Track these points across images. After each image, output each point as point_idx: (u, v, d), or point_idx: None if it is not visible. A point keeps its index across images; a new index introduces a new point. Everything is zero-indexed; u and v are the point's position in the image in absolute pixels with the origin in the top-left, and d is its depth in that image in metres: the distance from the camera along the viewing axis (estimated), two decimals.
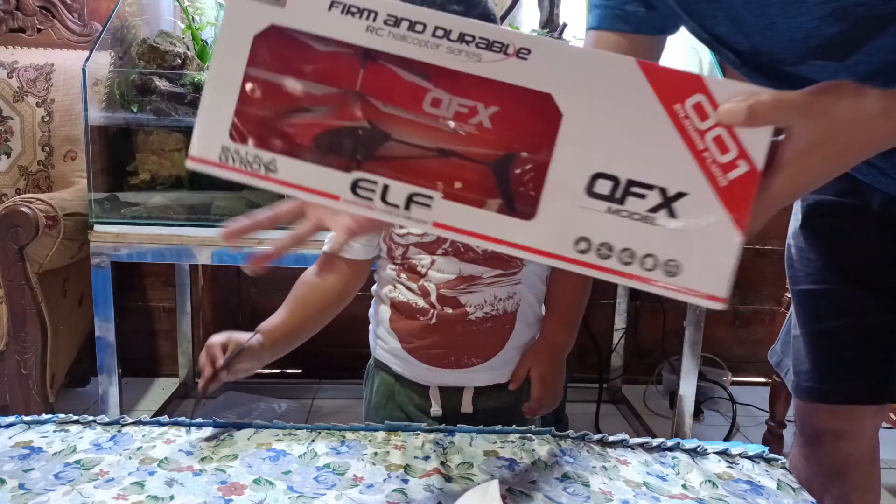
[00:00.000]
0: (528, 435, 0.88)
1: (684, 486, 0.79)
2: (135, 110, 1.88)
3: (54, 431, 0.84)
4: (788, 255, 1.11)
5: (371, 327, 1.08)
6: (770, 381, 2.12)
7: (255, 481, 0.74)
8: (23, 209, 1.69)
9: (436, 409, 1.02)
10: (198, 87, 1.83)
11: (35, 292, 1.76)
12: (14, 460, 0.77)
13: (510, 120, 0.49)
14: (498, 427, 0.88)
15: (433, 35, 0.48)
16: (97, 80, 1.86)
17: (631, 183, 0.49)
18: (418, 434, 0.87)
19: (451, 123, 0.49)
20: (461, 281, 0.97)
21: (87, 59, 1.78)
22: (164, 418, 0.88)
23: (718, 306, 0.49)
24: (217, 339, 0.89)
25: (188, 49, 1.97)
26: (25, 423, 0.86)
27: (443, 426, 0.88)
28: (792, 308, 1.11)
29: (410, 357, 1.01)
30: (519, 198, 0.49)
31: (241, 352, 0.88)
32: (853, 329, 1.02)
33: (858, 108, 0.54)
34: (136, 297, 2.47)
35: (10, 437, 0.83)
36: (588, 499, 0.74)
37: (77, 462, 0.77)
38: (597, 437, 0.88)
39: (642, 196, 0.49)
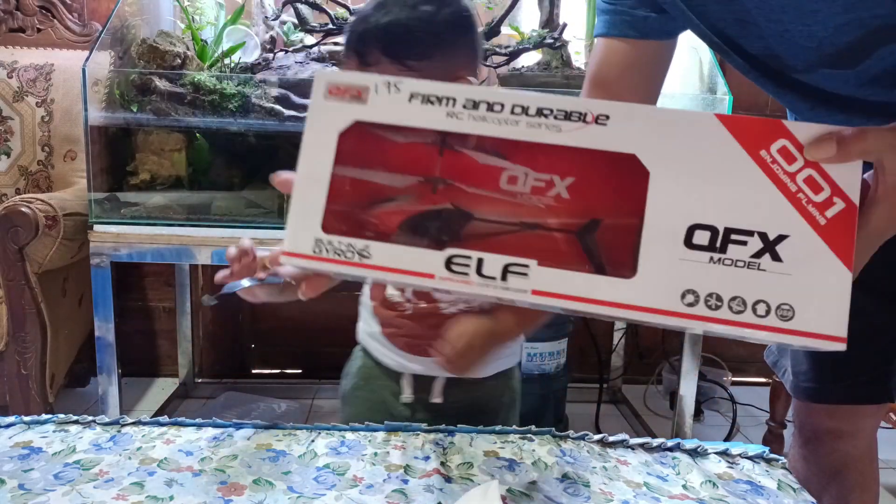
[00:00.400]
0: (529, 435, 0.88)
1: (685, 487, 0.78)
2: (135, 110, 1.88)
3: (54, 431, 0.84)
4: None
5: (360, 310, 1.10)
6: (770, 381, 2.12)
7: (255, 481, 0.74)
8: (22, 209, 1.69)
9: (407, 396, 1.04)
10: (197, 87, 1.83)
11: (35, 292, 1.76)
12: (14, 460, 0.77)
13: (588, 188, 0.50)
14: (498, 427, 0.88)
15: (511, 113, 0.50)
16: (97, 80, 1.86)
17: (729, 231, 0.48)
18: (418, 434, 0.87)
19: (530, 197, 0.50)
20: None
21: (87, 59, 1.78)
22: (164, 418, 0.88)
23: (838, 347, 0.47)
24: (251, 246, 0.84)
25: (188, 49, 1.97)
26: (25, 423, 0.86)
27: (443, 426, 0.88)
28: None
29: (389, 342, 1.03)
30: (609, 262, 0.49)
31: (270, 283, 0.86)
32: (852, 329, 1.01)
33: None
34: (136, 297, 2.47)
35: (9, 437, 0.83)
36: (588, 499, 0.74)
37: (77, 462, 0.77)
38: (597, 437, 0.88)
39: (743, 243, 0.48)
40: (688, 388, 1.93)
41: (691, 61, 2.00)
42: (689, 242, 0.48)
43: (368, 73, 0.54)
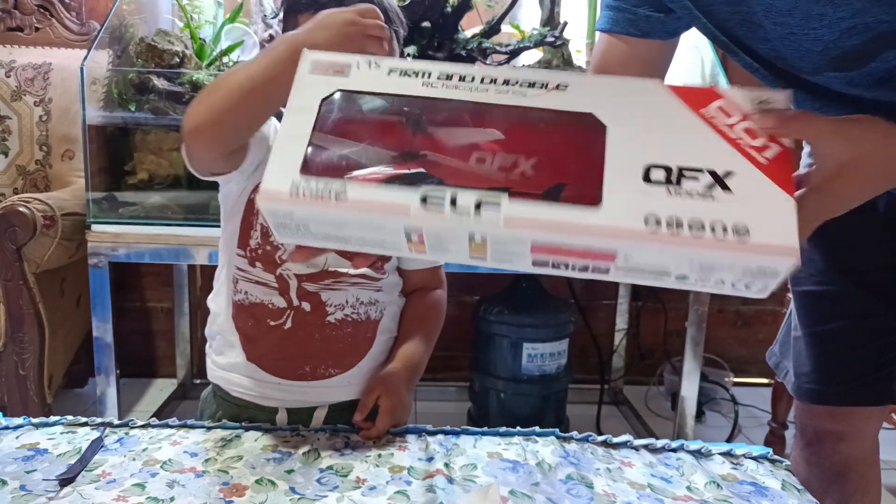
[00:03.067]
0: (533, 437, 0.87)
1: (688, 488, 0.78)
2: (133, 109, 1.87)
3: (62, 433, 0.84)
4: None
5: (207, 346, 0.98)
6: (772, 382, 2.12)
7: (257, 482, 0.74)
8: (20, 209, 1.68)
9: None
10: (196, 86, 1.82)
11: (33, 292, 1.75)
12: (17, 462, 0.77)
13: (551, 164, 0.54)
14: (503, 429, 0.88)
15: (481, 82, 0.57)
16: (95, 80, 1.85)
17: (682, 169, 0.53)
18: (422, 435, 0.86)
19: (498, 172, 0.54)
20: (326, 275, 0.90)
21: (85, 58, 1.77)
22: (174, 420, 0.88)
23: (792, 261, 0.50)
24: None
25: (186, 48, 1.96)
26: (33, 424, 0.86)
27: (448, 427, 0.88)
28: (792, 309, 1.10)
29: (258, 370, 0.91)
30: (575, 201, 0.52)
31: None
32: (855, 331, 1.01)
33: (888, 142, 0.58)
34: (134, 297, 2.46)
35: (16, 438, 0.82)
36: (591, 500, 0.74)
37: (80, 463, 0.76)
38: (601, 438, 0.88)
39: (696, 178, 0.53)
40: (689, 389, 1.92)
41: (693, 60, 2.00)
42: (647, 178, 0.53)
43: (351, 54, 0.59)
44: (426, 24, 1.93)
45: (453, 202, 0.51)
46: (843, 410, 1.04)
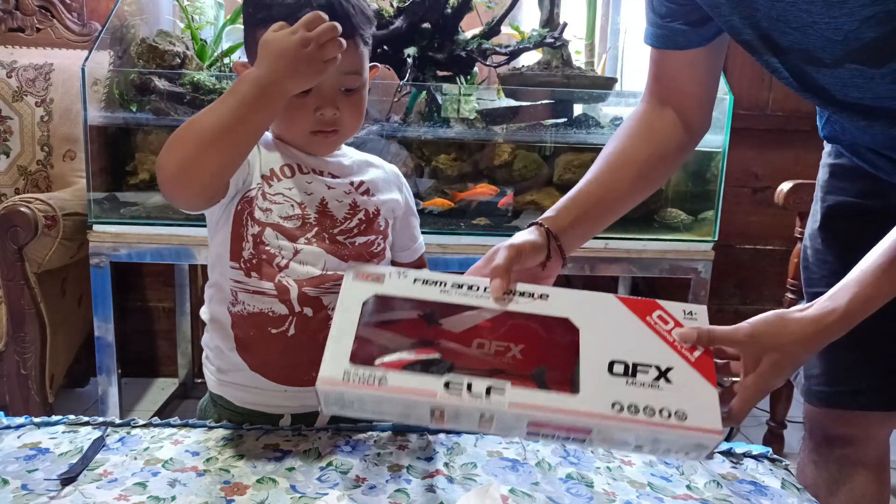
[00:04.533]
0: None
1: (688, 487, 0.78)
2: (134, 110, 1.87)
3: (63, 433, 0.84)
4: (804, 256, 1.10)
5: (204, 357, 0.96)
6: None
7: (259, 481, 0.74)
8: (22, 209, 1.68)
9: None
10: (197, 87, 1.83)
11: (34, 292, 1.75)
12: (19, 461, 0.77)
13: (534, 351, 0.72)
14: None
15: (484, 291, 0.74)
16: (96, 80, 1.86)
17: (636, 364, 0.70)
18: (424, 434, 0.86)
19: (494, 357, 0.71)
20: (325, 279, 0.88)
21: (87, 58, 1.78)
22: (175, 420, 0.88)
23: (718, 438, 0.67)
24: None
25: (187, 48, 1.97)
26: (35, 424, 0.86)
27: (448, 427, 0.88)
28: None
29: (262, 379, 0.89)
30: (557, 387, 0.68)
31: None
32: (866, 334, 1.00)
33: (793, 338, 0.75)
34: (136, 297, 2.47)
35: (18, 437, 0.83)
36: (591, 499, 0.74)
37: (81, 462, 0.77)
38: None
39: (645, 372, 0.70)
40: None
41: None
42: (610, 371, 0.69)
43: (385, 266, 0.77)
44: (426, 25, 1.94)
45: (469, 388, 0.65)
46: (853, 414, 1.04)
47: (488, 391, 0.65)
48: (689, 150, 1.00)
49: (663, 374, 0.70)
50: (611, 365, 0.70)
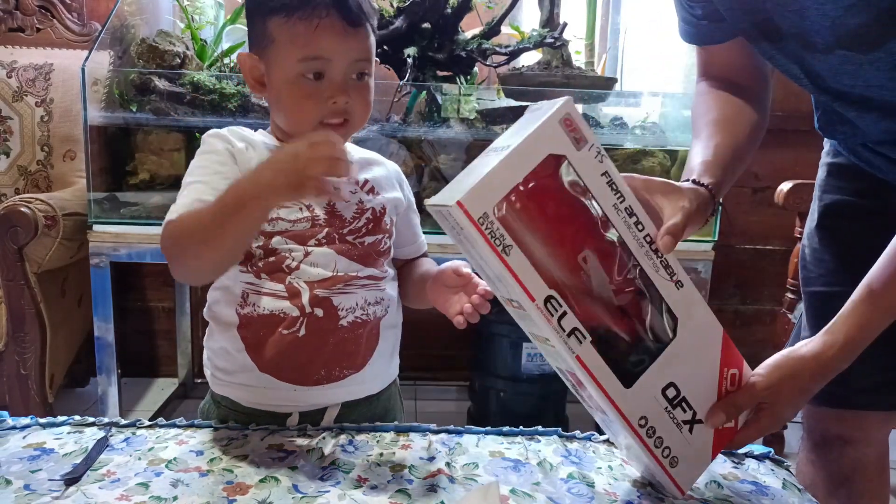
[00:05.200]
0: (535, 436, 0.88)
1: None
2: (134, 110, 1.87)
3: (68, 433, 0.84)
4: (802, 255, 1.10)
5: (206, 358, 0.96)
6: None
7: (261, 480, 0.74)
8: (22, 209, 1.68)
9: None
10: (197, 87, 1.83)
11: (34, 292, 1.75)
12: (23, 461, 0.77)
13: (634, 314, 0.72)
14: (506, 428, 0.88)
15: (648, 241, 0.70)
16: (96, 80, 1.86)
17: (684, 399, 0.73)
18: (426, 434, 0.87)
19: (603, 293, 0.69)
20: (336, 280, 0.88)
21: (87, 58, 1.77)
22: (181, 420, 0.88)
23: (678, 495, 0.75)
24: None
25: (187, 48, 1.97)
26: (41, 424, 0.86)
27: (451, 426, 0.88)
28: (803, 309, 1.10)
29: (271, 379, 0.89)
30: (621, 373, 0.70)
31: None
32: None
33: (808, 377, 0.78)
34: (136, 297, 2.47)
35: (23, 438, 0.83)
36: (592, 499, 0.74)
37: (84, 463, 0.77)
38: (603, 437, 0.88)
39: (685, 410, 0.73)
40: None
41: (694, 61, 2.00)
42: (663, 391, 0.72)
43: (590, 134, 0.67)
44: (426, 25, 1.94)
45: (561, 317, 0.65)
46: (851, 414, 1.03)
47: (572, 332, 0.66)
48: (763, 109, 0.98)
49: (693, 422, 0.74)
50: (668, 385, 0.72)
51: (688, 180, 0.83)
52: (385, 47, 1.93)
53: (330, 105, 0.87)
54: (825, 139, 1.08)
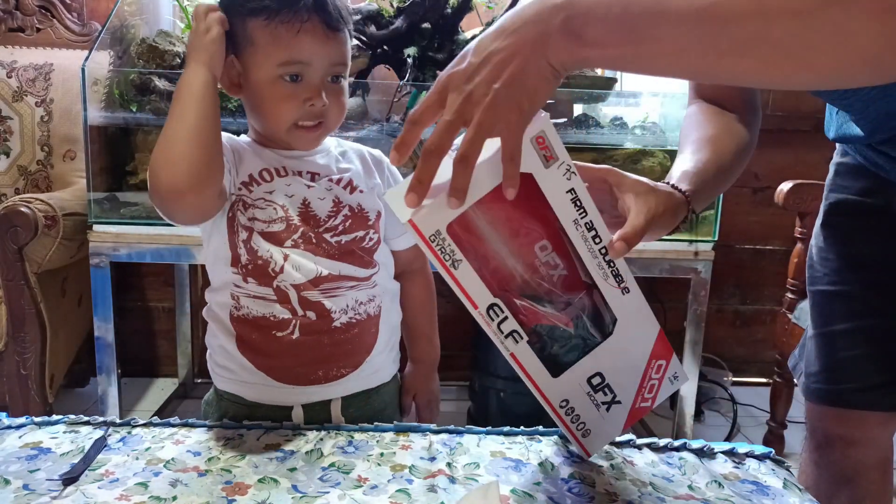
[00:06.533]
0: (536, 436, 0.88)
1: (690, 487, 0.78)
2: (134, 110, 1.87)
3: (64, 433, 0.84)
4: (810, 255, 1.10)
5: (208, 354, 0.97)
6: (771, 381, 2.12)
7: (260, 480, 0.74)
8: (22, 209, 1.68)
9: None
10: None
11: (34, 292, 1.75)
12: (21, 461, 0.77)
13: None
14: (506, 428, 0.88)
15: (597, 243, 0.70)
16: (96, 80, 1.86)
17: (607, 385, 0.77)
18: (426, 434, 0.86)
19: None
20: (321, 280, 0.89)
21: (87, 58, 1.77)
22: (175, 419, 0.88)
23: (585, 456, 0.82)
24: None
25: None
26: (36, 423, 0.86)
27: (452, 426, 0.88)
28: (807, 309, 1.09)
29: (269, 379, 0.91)
30: (552, 365, 0.75)
31: None
32: (865, 332, 1.00)
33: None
34: (136, 297, 2.47)
35: (20, 437, 0.82)
36: (592, 499, 0.74)
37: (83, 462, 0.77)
38: None
39: (606, 394, 0.78)
40: (688, 389, 1.93)
41: None
42: (588, 379, 0.77)
43: (561, 149, 0.66)
44: (426, 25, 1.94)
45: (500, 323, 0.70)
46: (854, 414, 1.03)
47: (510, 334, 0.71)
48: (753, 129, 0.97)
49: (612, 403, 0.79)
50: (596, 374, 0.76)
51: (666, 183, 0.81)
52: (385, 47, 1.93)
53: (307, 107, 0.87)
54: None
